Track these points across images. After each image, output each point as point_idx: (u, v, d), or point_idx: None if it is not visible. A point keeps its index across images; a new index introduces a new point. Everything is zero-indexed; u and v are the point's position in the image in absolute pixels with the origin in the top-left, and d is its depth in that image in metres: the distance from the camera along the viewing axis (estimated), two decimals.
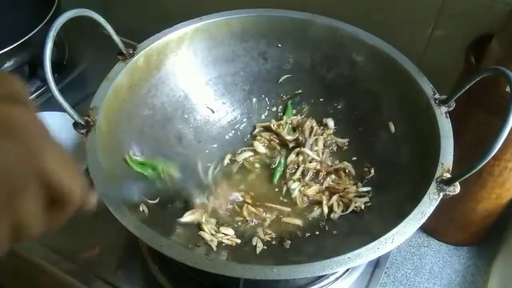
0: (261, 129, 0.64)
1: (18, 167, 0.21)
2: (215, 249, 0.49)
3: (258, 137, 0.63)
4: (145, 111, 0.56)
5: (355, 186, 0.56)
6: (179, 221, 0.51)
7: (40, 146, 0.23)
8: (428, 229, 0.63)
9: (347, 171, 0.58)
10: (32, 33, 0.67)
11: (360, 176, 0.57)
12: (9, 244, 0.22)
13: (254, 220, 0.55)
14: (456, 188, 0.42)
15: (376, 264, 0.56)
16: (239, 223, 0.54)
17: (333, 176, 0.58)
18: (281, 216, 0.55)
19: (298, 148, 0.60)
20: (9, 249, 0.22)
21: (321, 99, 0.63)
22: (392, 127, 0.55)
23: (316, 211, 0.55)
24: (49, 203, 0.23)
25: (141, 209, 0.47)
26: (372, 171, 0.56)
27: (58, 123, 0.69)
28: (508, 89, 0.45)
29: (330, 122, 0.61)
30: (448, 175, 0.43)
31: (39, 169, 0.22)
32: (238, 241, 0.51)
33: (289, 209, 0.55)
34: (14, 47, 0.66)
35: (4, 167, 0.21)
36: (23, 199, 0.22)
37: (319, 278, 0.52)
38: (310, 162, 0.59)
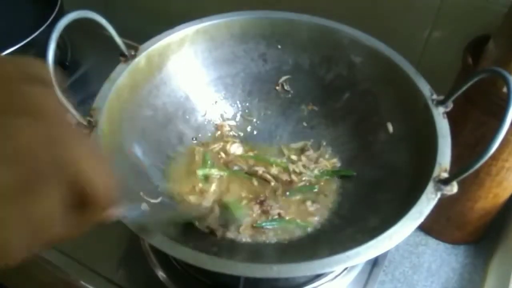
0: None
1: (36, 150, 0.18)
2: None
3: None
4: (147, 112, 0.57)
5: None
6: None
7: (62, 132, 0.20)
8: (425, 228, 0.63)
9: None
10: (35, 34, 0.67)
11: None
12: (27, 247, 0.19)
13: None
14: (453, 188, 0.42)
15: (374, 263, 0.56)
16: None
17: None
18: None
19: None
20: (30, 255, 0.19)
21: (320, 100, 0.63)
22: (390, 128, 0.55)
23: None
24: (73, 203, 0.20)
25: (142, 208, 0.48)
26: None
27: None
28: (505, 89, 0.45)
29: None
30: (445, 175, 0.43)
31: (62, 159, 0.19)
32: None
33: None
34: (17, 48, 0.66)
35: (20, 147, 0.18)
36: (42, 191, 0.19)
37: (318, 276, 0.52)
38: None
